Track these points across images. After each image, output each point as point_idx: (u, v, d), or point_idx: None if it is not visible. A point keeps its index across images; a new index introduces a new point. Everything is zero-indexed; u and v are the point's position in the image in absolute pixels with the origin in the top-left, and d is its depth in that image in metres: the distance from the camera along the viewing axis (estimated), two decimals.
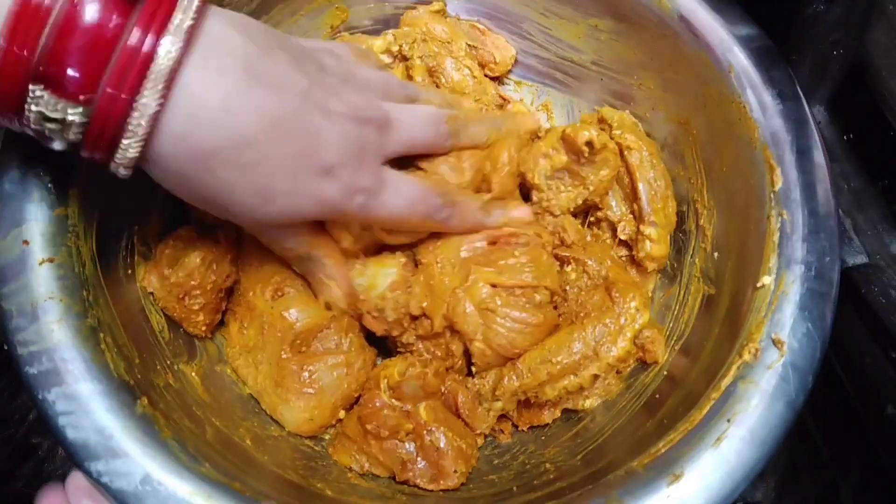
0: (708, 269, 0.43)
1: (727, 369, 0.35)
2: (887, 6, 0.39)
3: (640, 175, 0.45)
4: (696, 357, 0.40)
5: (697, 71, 0.44)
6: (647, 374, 0.42)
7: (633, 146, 0.46)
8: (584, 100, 0.52)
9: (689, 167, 0.45)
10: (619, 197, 0.47)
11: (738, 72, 0.42)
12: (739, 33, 0.42)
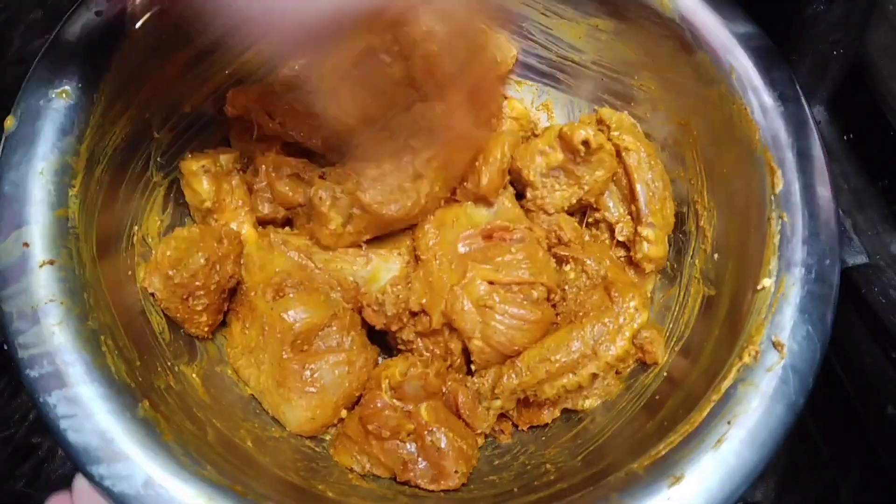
0: (708, 271, 0.43)
1: (727, 371, 0.35)
2: (887, 6, 0.39)
3: (639, 176, 0.46)
4: (696, 358, 0.40)
5: (698, 72, 0.44)
6: (647, 375, 0.42)
7: (632, 147, 0.46)
8: (585, 99, 0.52)
9: (690, 168, 0.45)
10: (617, 198, 0.47)
11: (739, 73, 0.42)
12: (740, 33, 0.42)
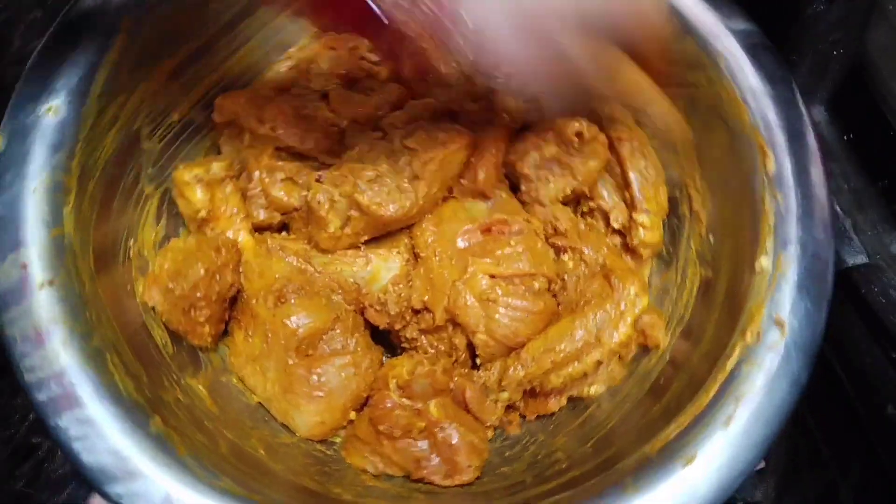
0: (704, 253, 0.44)
1: (731, 351, 0.36)
2: (887, 6, 0.39)
3: (632, 164, 0.46)
4: (698, 340, 0.40)
5: (686, 57, 0.44)
6: (650, 360, 0.43)
7: (624, 136, 0.46)
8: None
9: (681, 153, 0.46)
10: (611, 186, 0.48)
11: (727, 57, 0.42)
12: (727, 19, 0.42)
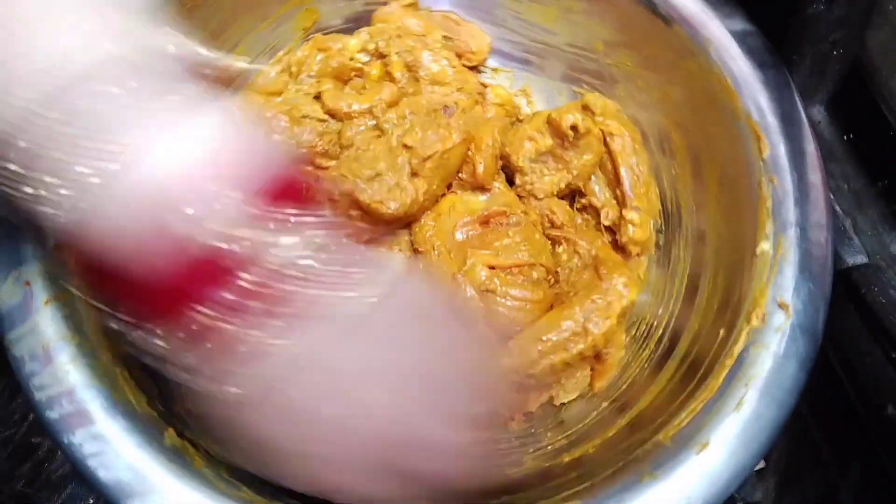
0: (702, 241, 0.44)
1: (738, 336, 0.36)
2: (887, 6, 0.39)
3: (623, 161, 0.46)
4: (700, 329, 0.41)
5: (675, 46, 0.44)
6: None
7: (616, 132, 0.46)
8: (562, 82, 0.52)
9: (675, 142, 0.46)
10: (603, 183, 0.48)
11: (716, 43, 0.43)
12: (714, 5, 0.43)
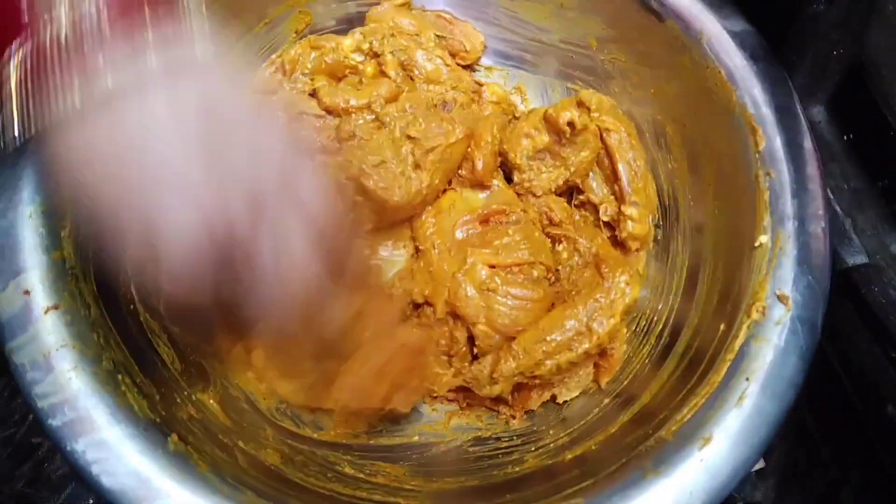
0: (700, 236, 0.44)
1: (738, 329, 0.36)
2: (887, 6, 0.40)
3: (620, 156, 0.46)
4: (699, 324, 0.41)
5: (668, 40, 0.44)
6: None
7: (612, 128, 0.46)
8: (556, 79, 0.52)
9: (671, 137, 0.46)
10: (601, 179, 0.48)
11: (709, 38, 0.43)
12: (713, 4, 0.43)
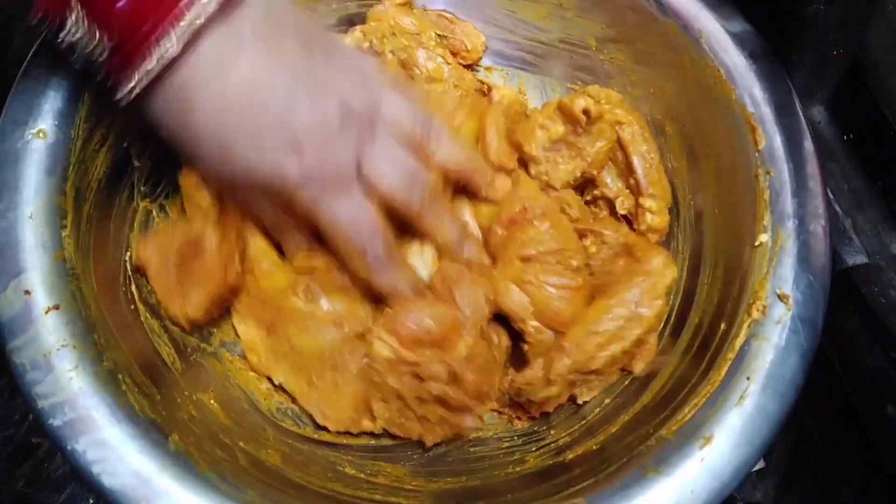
0: (700, 234, 0.44)
1: (738, 328, 0.36)
2: (887, 6, 0.40)
3: (634, 149, 0.46)
4: (700, 323, 0.41)
5: (667, 39, 0.45)
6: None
7: (624, 121, 0.46)
8: (556, 78, 0.52)
9: (670, 136, 0.46)
10: (614, 173, 0.47)
11: (708, 37, 0.43)
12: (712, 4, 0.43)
